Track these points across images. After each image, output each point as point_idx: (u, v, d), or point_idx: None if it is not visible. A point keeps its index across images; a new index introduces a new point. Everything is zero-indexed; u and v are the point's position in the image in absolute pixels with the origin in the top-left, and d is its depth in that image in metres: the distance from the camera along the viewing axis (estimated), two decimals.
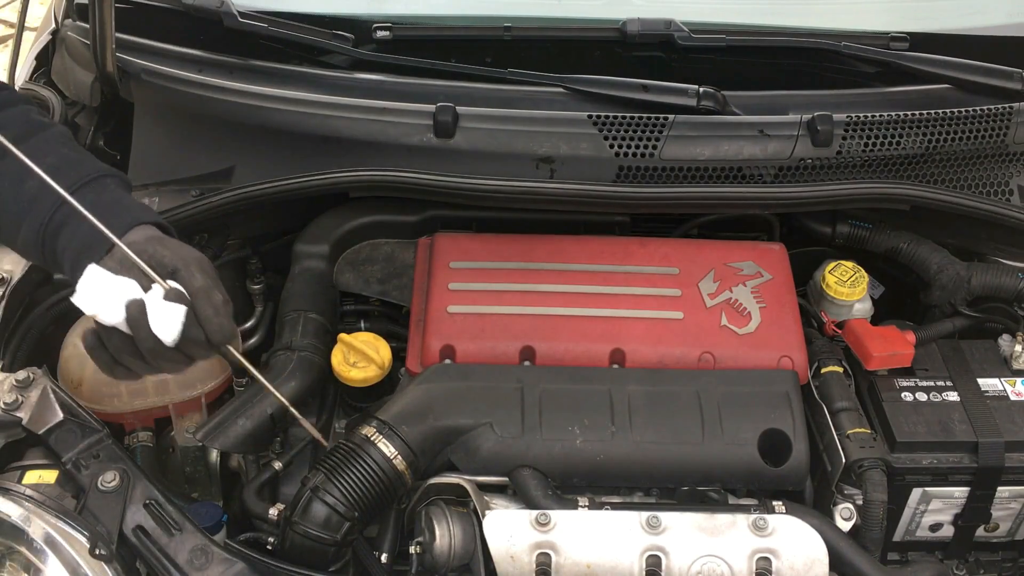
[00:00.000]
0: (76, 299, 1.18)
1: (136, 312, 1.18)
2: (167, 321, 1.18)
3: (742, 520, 1.40)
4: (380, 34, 1.82)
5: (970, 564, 1.66)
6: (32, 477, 1.39)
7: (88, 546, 1.29)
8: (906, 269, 1.80)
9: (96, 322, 1.20)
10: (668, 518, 1.40)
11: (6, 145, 1.20)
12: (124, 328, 1.19)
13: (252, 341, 1.76)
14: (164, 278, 1.21)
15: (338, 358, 1.60)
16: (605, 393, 1.52)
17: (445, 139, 1.67)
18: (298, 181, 1.67)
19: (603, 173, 1.68)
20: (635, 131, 1.68)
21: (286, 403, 1.40)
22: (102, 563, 1.29)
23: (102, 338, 1.22)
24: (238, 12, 1.78)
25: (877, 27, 1.89)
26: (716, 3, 2.00)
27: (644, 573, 1.37)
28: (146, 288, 1.20)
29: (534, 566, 1.37)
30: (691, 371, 1.57)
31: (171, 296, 1.19)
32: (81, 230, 1.26)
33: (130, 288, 1.19)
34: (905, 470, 1.53)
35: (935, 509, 1.57)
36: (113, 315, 1.18)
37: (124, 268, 1.21)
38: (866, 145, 1.70)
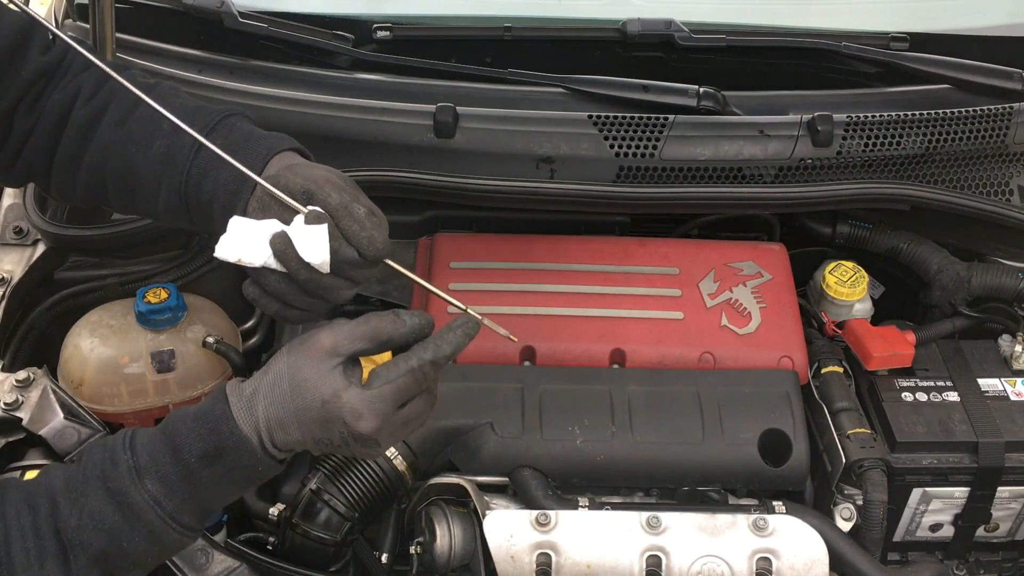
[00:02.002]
0: (217, 253, 1.15)
1: (280, 245, 1.14)
2: (312, 244, 1.14)
3: (742, 520, 1.40)
4: (380, 34, 1.82)
5: (970, 564, 1.66)
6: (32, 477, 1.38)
7: None
8: (906, 269, 1.80)
9: (250, 274, 1.17)
10: (668, 518, 1.40)
11: (141, 97, 1.17)
12: (275, 265, 1.15)
13: (252, 341, 1.76)
14: (302, 205, 1.16)
15: None
16: (605, 393, 1.52)
17: (445, 139, 1.67)
18: None
19: (603, 173, 1.68)
20: (635, 131, 1.68)
21: (466, 308, 1.24)
22: None
23: (261, 285, 1.18)
24: (238, 12, 1.77)
25: (877, 27, 1.88)
26: (716, 3, 2.00)
27: (644, 573, 1.37)
28: (287, 222, 1.16)
29: (534, 566, 1.37)
30: (691, 371, 1.57)
31: (310, 219, 1.15)
32: (222, 178, 1.23)
33: (270, 225, 1.16)
34: (905, 470, 1.53)
35: (935, 509, 1.57)
36: (257, 255, 1.15)
37: (263, 208, 1.18)
38: (866, 145, 1.70)
